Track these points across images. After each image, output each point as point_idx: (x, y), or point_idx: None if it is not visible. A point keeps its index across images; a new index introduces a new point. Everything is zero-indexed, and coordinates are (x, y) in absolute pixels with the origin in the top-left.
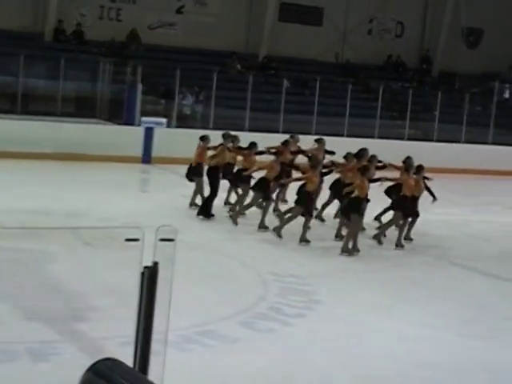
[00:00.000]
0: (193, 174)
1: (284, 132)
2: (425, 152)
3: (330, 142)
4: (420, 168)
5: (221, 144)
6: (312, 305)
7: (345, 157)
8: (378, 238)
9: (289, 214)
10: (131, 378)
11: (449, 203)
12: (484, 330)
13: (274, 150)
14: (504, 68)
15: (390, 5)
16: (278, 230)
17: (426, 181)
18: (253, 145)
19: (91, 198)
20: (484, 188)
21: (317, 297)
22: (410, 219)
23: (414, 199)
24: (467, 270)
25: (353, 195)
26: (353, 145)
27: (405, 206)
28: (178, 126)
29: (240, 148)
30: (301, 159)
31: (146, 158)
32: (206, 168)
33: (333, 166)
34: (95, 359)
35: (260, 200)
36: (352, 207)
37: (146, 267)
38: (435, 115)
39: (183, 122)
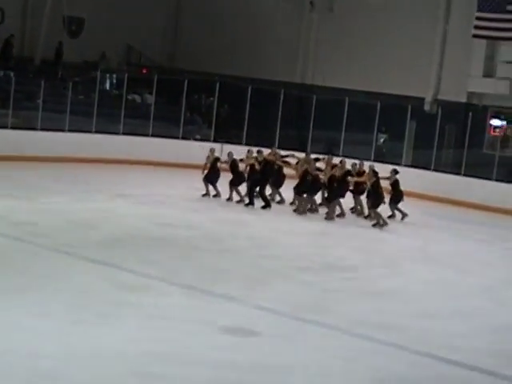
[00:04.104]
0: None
1: None
2: (28, 141)
3: None
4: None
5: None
6: None
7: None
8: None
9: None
10: None
11: (54, 193)
12: (93, 316)
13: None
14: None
15: None
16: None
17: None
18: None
19: None
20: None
21: None
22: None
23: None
24: (73, 258)
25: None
26: None
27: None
28: None
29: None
30: None
31: None
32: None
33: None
34: None
35: None
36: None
37: None
38: (39, 104)
39: None
